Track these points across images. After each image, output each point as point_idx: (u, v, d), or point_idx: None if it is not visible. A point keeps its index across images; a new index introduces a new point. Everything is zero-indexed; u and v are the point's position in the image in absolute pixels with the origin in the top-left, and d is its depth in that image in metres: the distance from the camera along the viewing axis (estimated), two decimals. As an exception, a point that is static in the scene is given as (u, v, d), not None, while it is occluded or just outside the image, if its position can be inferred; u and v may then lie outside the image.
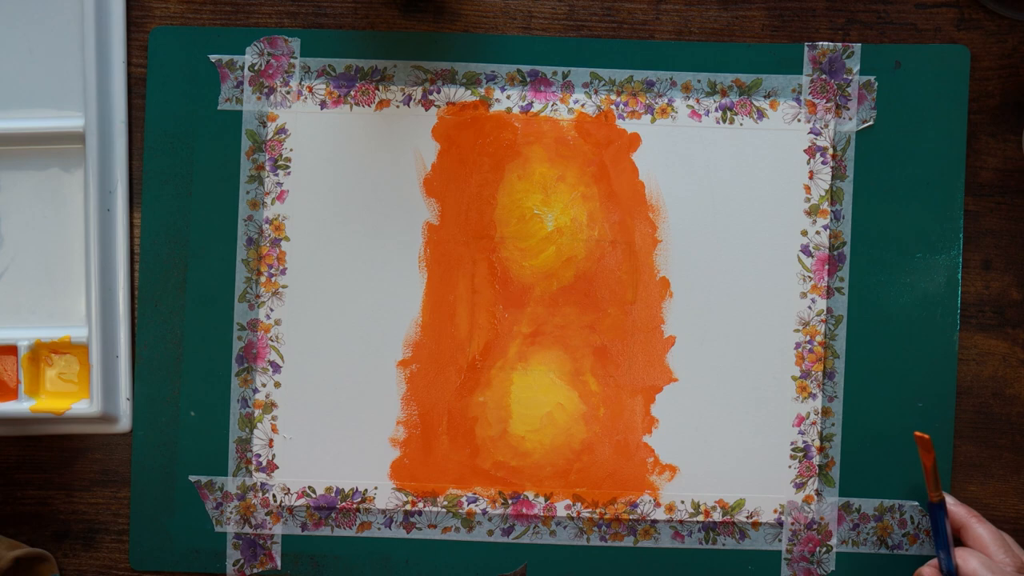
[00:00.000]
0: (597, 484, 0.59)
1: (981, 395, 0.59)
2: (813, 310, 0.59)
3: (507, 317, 0.59)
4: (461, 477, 0.59)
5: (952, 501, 0.56)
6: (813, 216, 0.59)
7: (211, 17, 0.60)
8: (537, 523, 0.59)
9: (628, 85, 0.59)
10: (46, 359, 0.59)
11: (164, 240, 0.59)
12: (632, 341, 0.59)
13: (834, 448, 0.59)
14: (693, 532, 0.59)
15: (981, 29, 0.59)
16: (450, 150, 0.59)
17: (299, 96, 0.59)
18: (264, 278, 0.59)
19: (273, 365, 0.59)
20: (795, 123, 0.59)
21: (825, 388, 0.59)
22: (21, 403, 0.58)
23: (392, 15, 0.60)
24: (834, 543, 0.59)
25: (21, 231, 0.60)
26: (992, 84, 0.60)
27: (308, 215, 0.59)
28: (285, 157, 0.59)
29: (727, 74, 0.59)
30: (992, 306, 0.59)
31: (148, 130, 0.59)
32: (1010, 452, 0.59)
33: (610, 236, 0.59)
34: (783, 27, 0.60)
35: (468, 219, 0.59)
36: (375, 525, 0.59)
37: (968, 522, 0.55)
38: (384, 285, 0.59)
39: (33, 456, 0.60)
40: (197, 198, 0.59)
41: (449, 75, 0.60)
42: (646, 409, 0.59)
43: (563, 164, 0.59)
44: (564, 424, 0.59)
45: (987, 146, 0.60)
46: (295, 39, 0.60)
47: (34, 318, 0.60)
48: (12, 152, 0.60)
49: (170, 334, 0.59)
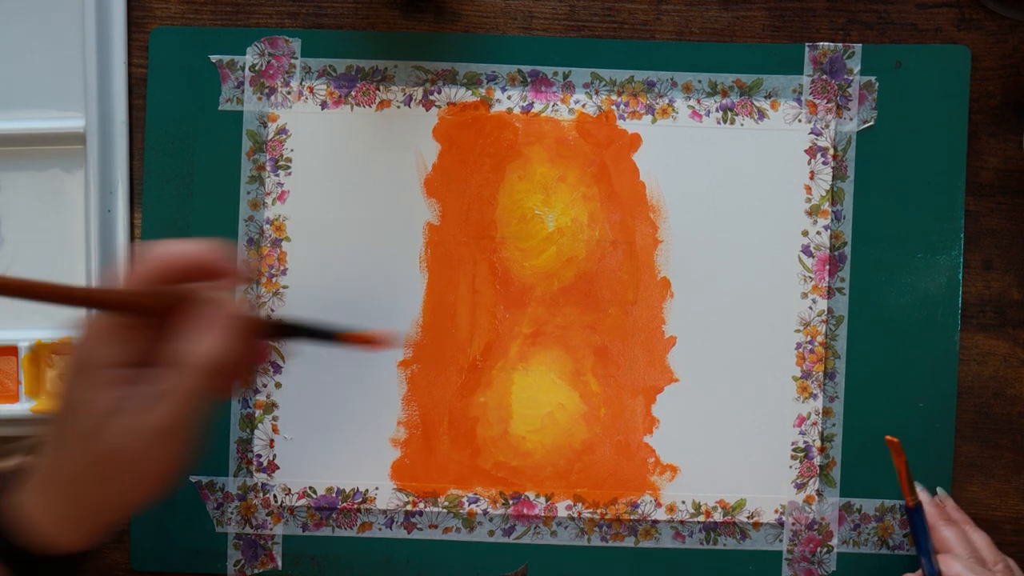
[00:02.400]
0: (598, 484, 0.59)
1: (982, 395, 0.59)
2: (814, 310, 0.59)
3: (508, 317, 0.59)
4: (462, 477, 0.59)
5: (927, 500, 0.56)
6: (814, 216, 0.59)
7: (212, 17, 0.60)
8: (538, 523, 0.59)
9: (629, 85, 0.59)
10: (47, 360, 0.59)
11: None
12: (633, 341, 0.59)
13: (835, 448, 0.59)
14: (694, 532, 0.59)
15: (982, 29, 0.60)
16: (451, 150, 0.59)
17: (300, 96, 0.59)
18: (265, 278, 0.59)
19: (274, 365, 0.59)
20: (796, 123, 0.59)
21: (826, 388, 0.59)
22: (22, 404, 0.58)
23: (393, 15, 0.60)
24: (835, 543, 0.59)
25: (21, 231, 0.60)
26: (993, 84, 0.60)
27: (309, 215, 0.59)
28: (286, 157, 0.59)
29: (728, 74, 0.59)
30: (993, 306, 0.59)
31: (149, 130, 0.59)
32: (1011, 452, 0.59)
33: (611, 236, 0.59)
34: (784, 27, 0.60)
35: (469, 219, 0.59)
36: (376, 525, 0.59)
37: (936, 524, 0.55)
38: (385, 285, 0.59)
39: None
40: (198, 198, 0.59)
41: (450, 75, 0.59)
42: (647, 409, 0.59)
43: (564, 164, 0.59)
44: (565, 424, 0.59)
45: (988, 146, 0.60)
46: (296, 39, 0.59)
47: (35, 319, 0.60)
48: (12, 152, 0.60)
49: (171, 334, 0.59)
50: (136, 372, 0.41)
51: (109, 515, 0.43)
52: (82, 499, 0.42)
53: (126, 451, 0.41)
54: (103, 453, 0.41)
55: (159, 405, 0.41)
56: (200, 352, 0.41)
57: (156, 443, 0.41)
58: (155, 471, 0.42)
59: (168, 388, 0.41)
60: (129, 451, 0.41)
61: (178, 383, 0.41)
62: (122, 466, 0.41)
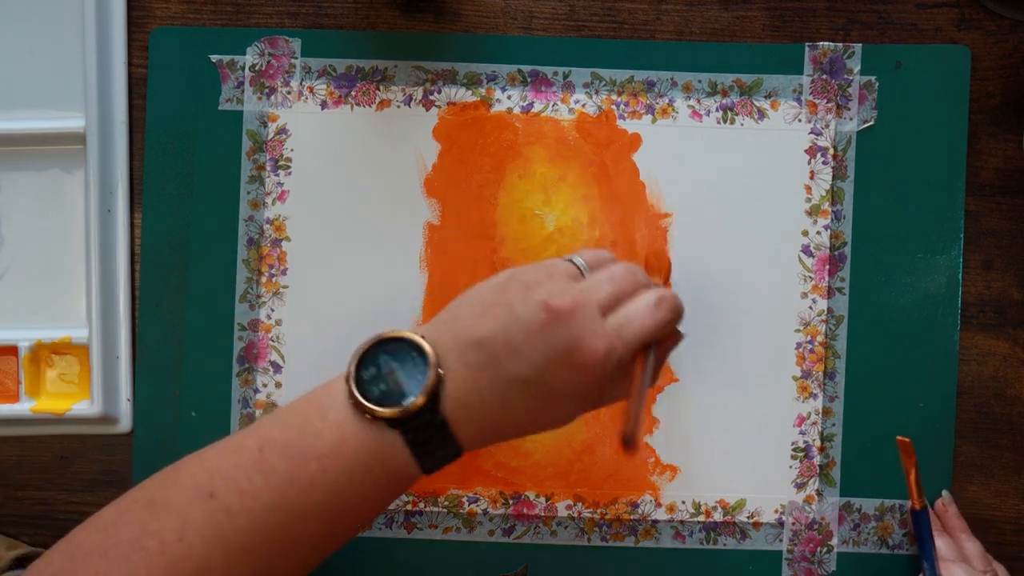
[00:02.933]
0: (598, 484, 0.59)
1: (982, 395, 0.59)
2: (814, 310, 0.59)
3: (508, 317, 0.59)
4: (462, 477, 0.59)
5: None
6: (814, 216, 0.59)
7: (212, 17, 0.60)
8: (538, 523, 0.59)
9: (629, 85, 0.59)
10: (47, 360, 0.59)
11: (165, 240, 0.59)
12: (633, 341, 0.59)
13: (835, 448, 0.59)
14: (694, 532, 0.59)
15: (982, 29, 0.60)
16: (451, 150, 0.59)
17: (300, 96, 0.59)
18: (265, 278, 0.59)
19: (274, 365, 0.59)
20: (796, 123, 0.59)
21: (826, 388, 0.59)
22: (22, 404, 0.58)
23: (393, 15, 0.60)
24: (835, 543, 0.59)
25: (21, 232, 0.60)
26: (993, 84, 0.60)
27: (309, 215, 0.59)
28: (286, 157, 0.59)
29: (728, 74, 0.59)
30: (993, 306, 0.59)
31: (149, 130, 0.59)
32: (1011, 452, 0.59)
33: (611, 236, 0.59)
34: (784, 27, 0.60)
35: (469, 219, 0.59)
36: (376, 525, 0.59)
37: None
38: (385, 285, 0.59)
39: (33, 456, 0.60)
40: (198, 198, 0.59)
41: (450, 75, 0.59)
42: (647, 409, 0.59)
43: (564, 164, 0.59)
44: (565, 424, 0.59)
45: (988, 146, 0.60)
46: (296, 39, 0.59)
47: (35, 319, 0.60)
48: (12, 152, 0.60)
49: (171, 334, 0.59)
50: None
51: (504, 441, 0.46)
52: (501, 430, 0.45)
53: (568, 391, 0.43)
54: (547, 395, 0.43)
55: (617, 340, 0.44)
56: (651, 312, 0.45)
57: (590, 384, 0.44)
58: (574, 412, 0.45)
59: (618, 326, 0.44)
60: (569, 391, 0.44)
61: (624, 324, 0.44)
62: (555, 405, 0.44)
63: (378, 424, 0.43)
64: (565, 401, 0.44)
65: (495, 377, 0.43)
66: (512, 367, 0.43)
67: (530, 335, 0.43)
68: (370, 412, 0.43)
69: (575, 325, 0.43)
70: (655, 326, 0.44)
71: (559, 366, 0.43)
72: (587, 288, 0.44)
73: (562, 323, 0.43)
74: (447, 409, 0.43)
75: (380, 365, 0.44)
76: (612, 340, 0.43)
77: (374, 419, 0.43)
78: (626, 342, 0.44)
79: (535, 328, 0.43)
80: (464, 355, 0.43)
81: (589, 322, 0.43)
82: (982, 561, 0.55)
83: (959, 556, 0.55)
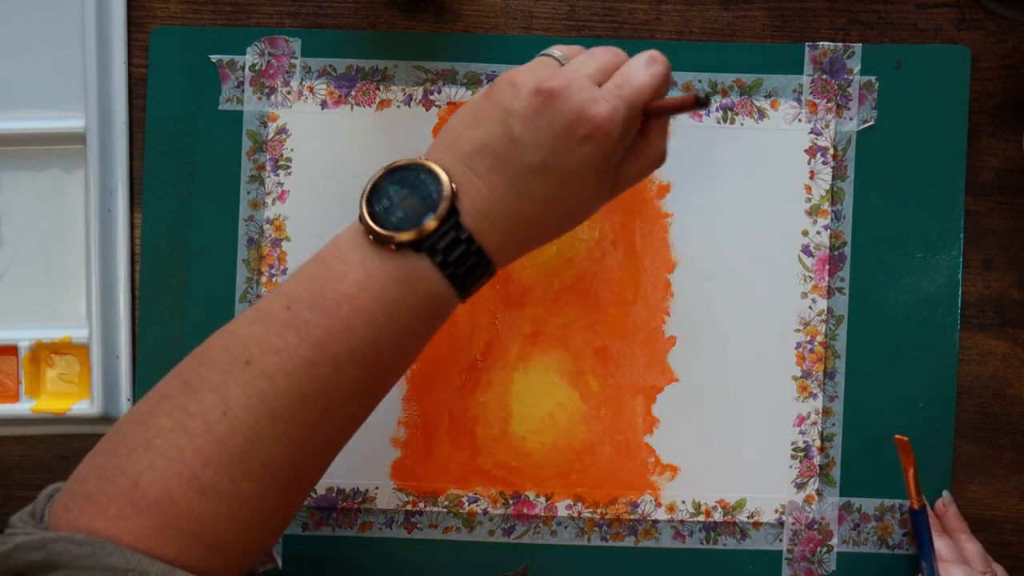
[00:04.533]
0: (598, 484, 0.59)
1: (982, 395, 0.59)
2: (814, 310, 0.59)
3: (508, 317, 0.59)
4: (462, 477, 0.59)
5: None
6: (814, 216, 0.59)
7: (211, 17, 0.60)
8: (538, 523, 0.59)
9: (629, 85, 0.59)
10: (47, 360, 0.59)
11: (165, 240, 0.59)
12: (633, 341, 0.59)
13: (835, 448, 0.59)
14: (694, 532, 0.59)
15: (982, 29, 0.60)
16: (451, 150, 0.59)
17: (300, 96, 0.59)
18: (265, 278, 0.59)
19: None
20: (796, 123, 0.59)
21: (826, 388, 0.59)
22: (22, 404, 0.58)
23: (393, 15, 0.60)
24: (835, 543, 0.59)
25: (21, 232, 0.60)
26: (993, 84, 0.60)
27: (309, 215, 0.59)
28: (286, 157, 0.59)
29: (728, 74, 0.59)
30: (993, 306, 0.59)
31: (149, 130, 0.59)
32: (1011, 452, 0.59)
33: (611, 236, 0.59)
34: (784, 27, 0.60)
35: (469, 219, 0.59)
36: (376, 525, 0.59)
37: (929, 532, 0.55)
38: (385, 285, 0.59)
39: (33, 456, 0.60)
40: (198, 198, 0.59)
41: (450, 75, 0.59)
42: (647, 409, 0.59)
43: (564, 164, 0.59)
44: (565, 424, 0.59)
45: (988, 146, 0.60)
46: (296, 39, 0.60)
47: (34, 319, 0.60)
48: (12, 152, 0.60)
49: (171, 334, 0.59)
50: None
51: (532, 248, 0.46)
52: (528, 233, 0.45)
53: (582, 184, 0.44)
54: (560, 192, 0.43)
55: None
56: (645, 69, 0.44)
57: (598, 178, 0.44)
58: (595, 193, 0.45)
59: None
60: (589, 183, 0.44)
61: (614, 97, 0.43)
62: (574, 186, 0.44)
63: (403, 253, 0.42)
64: (583, 180, 0.43)
65: (508, 175, 0.43)
66: (524, 158, 0.42)
67: (530, 121, 0.42)
68: (391, 240, 0.42)
69: (572, 98, 0.42)
70: (652, 80, 0.44)
71: (568, 141, 0.42)
72: (573, 66, 0.44)
73: (559, 99, 0.42)
74: (468, 223, 0.42)
75: (392, 195, 0.43)
76: (613, 100, 0.42)
77: (398, 248, 0.42)
78: (628, 100, 0.43)
79: (532, 113, 0.42)
80: (472, 164, 0.43)
81: (585, 92, 0.42)
82: (982, 562, 0.55)
83: (959, 557, 0.55)
